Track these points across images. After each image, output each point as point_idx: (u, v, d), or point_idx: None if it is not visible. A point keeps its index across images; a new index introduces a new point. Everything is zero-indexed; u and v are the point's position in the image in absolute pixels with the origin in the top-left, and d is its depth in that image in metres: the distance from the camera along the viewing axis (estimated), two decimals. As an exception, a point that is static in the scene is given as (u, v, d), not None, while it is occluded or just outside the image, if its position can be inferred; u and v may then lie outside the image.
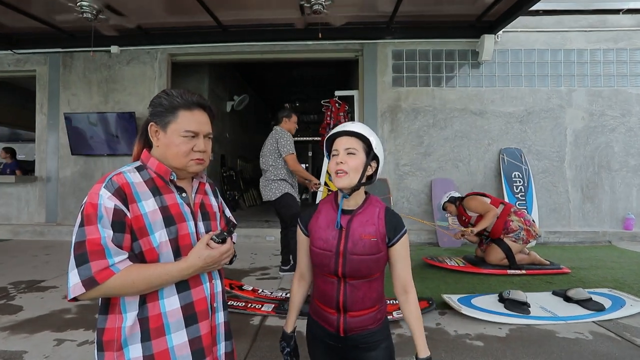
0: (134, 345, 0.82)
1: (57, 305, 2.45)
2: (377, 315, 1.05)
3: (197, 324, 0.90)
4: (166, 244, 0.87)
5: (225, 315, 0.99)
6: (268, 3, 4.29)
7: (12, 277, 3.13)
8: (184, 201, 0.93)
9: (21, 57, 5.40)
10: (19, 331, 2.03)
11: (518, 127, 4.97)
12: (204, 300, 0.92)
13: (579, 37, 5.01)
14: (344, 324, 1.02)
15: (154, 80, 5.27)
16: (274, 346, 1.89)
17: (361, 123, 1.06)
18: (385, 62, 5.09)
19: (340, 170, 1.01)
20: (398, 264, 1.04)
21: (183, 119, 0.90)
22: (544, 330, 2.10)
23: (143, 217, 0.84)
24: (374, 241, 0.99)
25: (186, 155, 0.90)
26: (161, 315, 0.85)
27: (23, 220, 5.39)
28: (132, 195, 0.85)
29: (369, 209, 1.04)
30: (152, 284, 0.82)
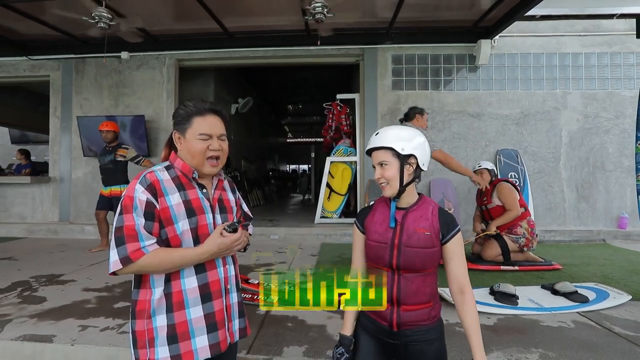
0: (160, 316, 0.99)
1: (78, 297, 2.64)
2: (432, 312, 1.06)
3: (211, 302, 1.04)
4: (187, 232, 1.02)
5: (238, 296, 1.14)
6: (272, 10, 4.48)
7: (32, 271, 3.33)
8: (204, 196, 1.08)
9: (36, 63, 5.64)
10: (46, 318, 2.22)
11: (514, 129, 5.12)
12: (218, 282, 1.07)
13: (574, 41, 5.15)
14: (397, 317, 1.03)
15: (163, 84, 5.48)
16: (278, 333, 2.07)
17: (388, 128, 1.11)
18: (385, 66, 5.26)
19: (381, 183, 1.09)
20: (452, 262, 1.05)
21: (197, 124, 1.05)
22: (530, 320, 2.25)
23: (169, 209, 1.00)
24: (428, 235, 1.03)
25: (202, 153, 1.04)
26: (182, 292, 1.01)
27: (38, 219, 5.61)
28: (161, 191, 1.01)
29: (423, 206, 1.09)
30: (175, 264, 0.99)
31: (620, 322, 2.22)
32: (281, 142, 20.60)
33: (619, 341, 1.98)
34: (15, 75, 5.76)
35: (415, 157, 1.07)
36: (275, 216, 6.87)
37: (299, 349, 1.88)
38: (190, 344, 1.00)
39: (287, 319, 2.25)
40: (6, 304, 2.47)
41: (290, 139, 22.58)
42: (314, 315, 2.29)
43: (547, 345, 1.93)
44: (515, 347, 1.91)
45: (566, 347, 1.92)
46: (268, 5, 4.31)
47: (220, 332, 1.05)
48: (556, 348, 1.91)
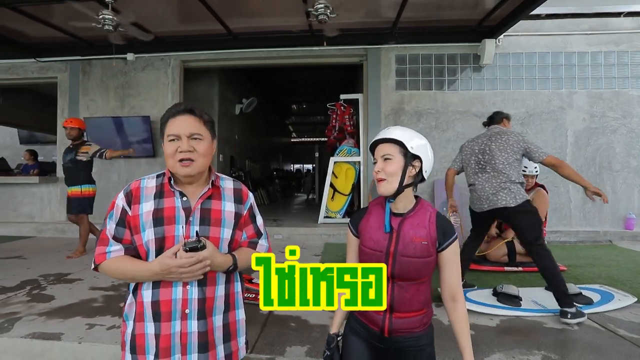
0: (129, 321, 1.00)
1: (85, 295, 2.69)
2: (424, 319, 1.04)
3: (159, 323, 0.94)
4: (152, 242, 0.96)
5: (199, 325, 0.95)
6: (276, 12, 4.50)
7: (40, 270, 3.39)
8: (181, 205, 1.00)
9: (44, 65, 5.72)
10: (54, 316, 2.27)
11: (519, 129, 5.07)
12: (169, 302, 0.94)
13: (580, 40, 5.09)
14: (390, 324, 1.01)
15: (168, 85, 5.53)
16: (281, 332, 2.09)
17: (400, 126, 1.07)
18: (388, 66, 5.25)
19: (379, 178, 1.03)
20: (446, 270, 1.03)
21: (168, 127, 1.00)
22: (532, 321, 2.25)
23: (139, 217, 0.98)
24: (425, 245, 0.99)
25: (172, 156, 0.98)
26: (142, 303, 0.97)
27: (45, 219, 5.70)
28: (137, 198, 1.00)
29: (421, 212, 1.04)
30: (127, 275, 0.97)
31: (625, 325, 2.20)
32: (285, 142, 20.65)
33: (624, 344, 1.97)
34: (24, 77, 5.85)
35: (421, 160, 1.04)
36: (279, 216, 6.90)
37: (302, 348, 1.90)
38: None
39: (290, 319, 2.27)
40: (16, 302, 2.52)
41: (294, 139, 22.62)
42: (316, 316, 2.31)
43: (550, 347, 1.92)
44: (517, 348, 1.91)
45: (570, 349, 1.92)
46: (272, 6, 4.32)
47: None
48: (559, 350, 1.90)
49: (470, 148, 2.68)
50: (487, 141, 2.57)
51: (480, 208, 2.59)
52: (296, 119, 17.73)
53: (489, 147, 2.54)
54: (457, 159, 2.81)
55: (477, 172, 2.60)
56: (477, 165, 2.60)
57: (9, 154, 9.21)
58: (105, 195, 5.58)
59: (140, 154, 5.45)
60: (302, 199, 12.76)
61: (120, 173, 5.61)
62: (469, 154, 2.67)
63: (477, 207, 2.62)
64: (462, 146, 2.80)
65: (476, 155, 2.61)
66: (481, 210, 2.59)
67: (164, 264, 0.92)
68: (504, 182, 2.45)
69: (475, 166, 2.61)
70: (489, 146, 2.54)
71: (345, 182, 5.62)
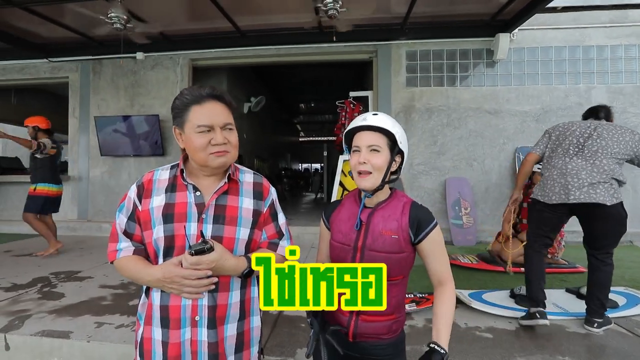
0: (141, 322, 0.93)
1: (95, 293, 2.68)
2: (393, 326, 0.95)
3: (167, 329, 0.87)
4: (161, 240, 0.88)
5: (210, 335, 0.87)
6: (284, 8, 4.44)
7: (52, 268, 3.41)
8: (194, 200, 0.91)
9: (56, 65, 5.78)
10: (64, 314, 2.26)
11: (534, 125, 4.93)
12: (178, 308, 0.87)
13: (599, 33, 4.91)
14: (355, 327, 0.93)
15: (177, 84, 5.53)
16: (291, 333, 2.04)
17: (383, 113, 0.97)
18: (399, 62, 5.15)
19: (363, 171, 0.93)
20: (428, 260, 0.95)
21: (194, 115, 0.87)
22: (554, 325, 2.14)
23: (149, 212, 0.90)
24: (395, 239, 0.91)
25: (203, 149, 0.87)
26: (152, 305, 0.90)
27: (57, 217, 5.73)
28: (149, 191, 0.92)
29: (393, 203, 0.96)
30: (133, 277, 0.90)
31: (654, 330, 2.09)
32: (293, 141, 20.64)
33: (653, 350, 1.86)
34: (37, 77, 5.92)
35: (403, 156, 0.98)
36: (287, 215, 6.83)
37: (313, 350, 1.84)
38: None
39: (301, 320, 2.22)
40: (27, 299, 2.53)
41: (303, 138, 22.60)
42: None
43: (575, 353, 1.83)
44: (539, 354, 1.82)
45: (595, 355, 1.82)
46: (280, 3, 4.28)
47: None
48: (584, 356, 1.80)
49: (567, 129, 2.23)
50: (595, 127, 2.15)
51: (563, 198, 2.09)
52: (304, 118, 17.69)
53: (599, 133, 2.11)
54: (541, 143, 2.35)
55: (573, 155, 2.14)
56: (575, 148, 2.15)
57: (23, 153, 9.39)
58: (115, 194, 5.64)
59: (149, 152, 5.47)
60: (311, 198, 12.72)
61: (130, 172, 5.64)
62: (564, 134, 2.22)
63: (558, 197, 2.12)
64: (552, 128, 2.35)
65: (577, 137, 2.16)
66: (561, 202, 2.10)
67: (167, 271, 0.84)
68: (607, 176, 2.04)
69: (573, 149, 2.15)
70: (598, 132, 2.11)
71: (355, 180, 5.54)
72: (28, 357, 1.94)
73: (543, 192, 2.22)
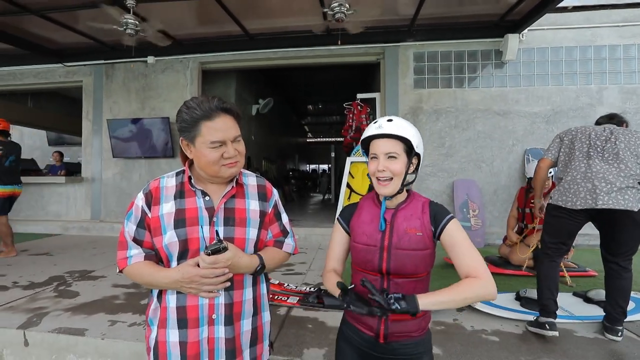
0: (153, 327, 0.95)
1: (108, 292, 2.76)
2: (422, 323, 0.97)
3: (185, 329, 0.90)
4: (175, 245, 0.91)
5: (227, 331, 0.92)
6: (292, 12, 4.49)
7: (66, 267, 3.52)
8: (204, 205, 0.94)
9: (70, 69, 5.95)
10: (79, 312, 2.34)
11: (544, 127, 4.87)
12: (196, 308, 0.91)
13: (611, 32, 4.83)
14: (385, 328, 0.94)
15: (186, 87, 5.63)
16: (298, 334, 2.07)
17: (398, 118, 0.99)
18: (406, 64, 5.15)
19: (382, 177, 0.95)
20: (453, 254, 0.92)
21: (206, 131, 0.89)
22: (562, 329, 2.13)
23: (159, 218, 0.93)
24: (419, 236, 0.94)
25: (216, 162, 0.91)
26: (166, 308, 0.93)
27: (71, 217, 5.93)
28: (157, 199, 0.95)
29: (413, 203, 1.00)
30: (147, 282, 0.93)
31: (665, 335, 2.06)
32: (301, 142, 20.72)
33: (664, 355, 1.84)
34: (52, 81, 6.10)
35: (419, 158, 1.01)
36: (295, 216, 6.91)
37: (320, 351, 1.87)
38: None
39: (308, 320, 2.25)
40: (44, 297, 2.62)
41: (310, 139, 22.66)
42: (334, 318, 2.28)
43: (582, 358, 1.82)
44: (546, 357, 1.81)
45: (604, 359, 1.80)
46: (288, 6, 4.33)
47: None
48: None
49: (580, 132, 2.16)
50: (610, 130, 2.09)
51: (589, 204, 1.98)
52: (312, 119, 17.74)
53: (616, 137, 2.04)
54: (552, 148, 2.28)
55: (595, 158, 2.05)
56: (594, 150, 2.07)
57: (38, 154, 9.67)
58: (127, 195, 5.77)
59: (160, 154, 5.58)
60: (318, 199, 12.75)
61: (141, 173, 5.76)
62: (577, 137, 2.15)
63: (583, 202, 2.01)
64: (563, 132, 2.28)
65: (593, 140, 2.09)
66: (588, 207, 2.00)
67: (186, 272, 0.87)
68: (634, 180, 1.96)
69: (592, 152, 2.07)
70: (615, 136, 2.05)
71: (362, 182, 5.55)
72: (46, 352, 2.01)
73: (565, 197, 2.11)
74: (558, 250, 2.21)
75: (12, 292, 2.75)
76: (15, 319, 2.22)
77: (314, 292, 2.60)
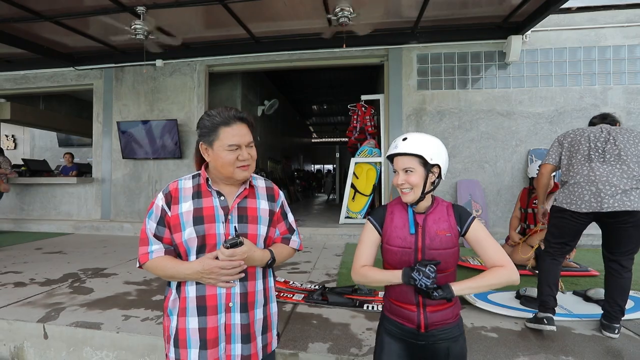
0: (173, 316, 1.05)
1: (120, 289, 2.87)
2: (455, 310, 1.12)
3: (205, 317, 1.00)
4: (193, 240, 1.01)
5: (242, 318, 1.03)
6: (297, 15, 4.58)
7: (79, 265, 3.64)
8: (220, 204, 1.05)
9: (81, 73, 6.11)
10: (94, 308, 2.44)
11: (548, 127, 4.89)
12: (215, 297, 1.01)
13: (616, 33, 4.84)
14: (425, 319, 1.08)
15: (194, 89, 5.75)
16: (303, 329, 2.15)
17: (415, 135, 1.11)
18: (410, 66, 5.21)
19: (403, 189, 1.10)
20: (478, 248, 1.09)
21: (225, 135, 1.02)
22: (560, 327, 2.18)
23: (179, 217, 1.03)
24: (449, 237, 1.08)
25: (232, 164, 1.02)
26: (186, 299, 1.02)
27: (82, 217, 6.09)
28: (176, 199, 1.05)
29: (439, 208, 1.13)
30: (169, 274, 1.02)
31: (662, 333, 2.10)
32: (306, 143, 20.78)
33: (660, 353, 1.88)
34: (64, 85, 6.27)
35: (440, 167, 1.11)
36: (300, 216, 6.99)
37: (324, 345, 1.95)
38: (186, 353, 1.00)
39: (312, 317, 2.33)
40: (60, 293, 2.74)
41: (315, 139, 22.74)
42: (338, 314, 2.35)
43: (579, 354, 1.87)
44: (543, 353, 1.87)
45: (600, 356, 1.85)
46: (293, 10, 4.41)
47: (210, 351, 1.00)
48: (589, 357, 1.84)
49: (579, 134, 2.18)
50: (608, 131, 2.11)
51: (594, 207, 2.01)
52: (317, 120, 17.83)
53: (614, 137, 2.07)
54: (552, 152, 2.30)
55: (596, 161, 2.08)
56: (595, 152, 2.09)
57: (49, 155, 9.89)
58: (136, 196, 5.90)
59: (167, 155, 5.71)
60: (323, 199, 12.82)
61: (150, 174, 5.89)
62: (577, 140, 2.17)
63: (588, 205, 2.04)
64: (562, 136, 2.29)
65: (593, 142, 2.11)
66: (590, 211, 2.04)
67: (206, 264, 0.97)
68: (638, 181, 1.98)
69: (593, 154, 2.09)
70: (613, 136, 2.07)
71: (366, 182, 5.63)
72: (64, 345, 2.12)
73: (569, 200, 2.13)
74: (561, 250, 2.25)
75: (30, 288, 2.87)
76: (34, 313, 2.33)
77: (318, 290, 2.68)
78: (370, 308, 2.45)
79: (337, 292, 2.63)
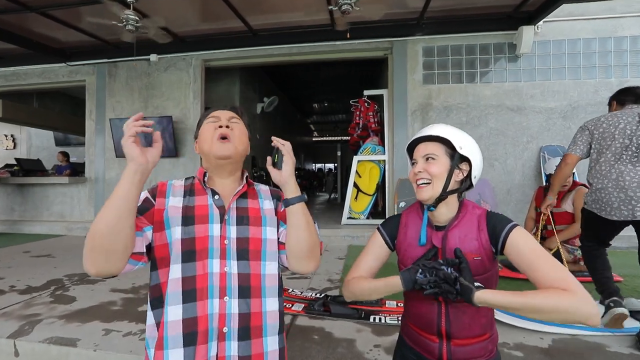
0: (150, 350, 0.81)
1: (105, 297, 2.65)
2: (489, 346, 0.87)
3: (194, 347, 0.76)
4: (178, 243, 0.82)
5: (241, 348, 0.79)
6: (296, 6, 4.35)
7: (66, 270, 3.43)
8: (215, 204, 0.89)
9: (73, 69, 5.89)
10: (73, 320, 2.23)
11: (561, 123, 4.65)
12: (206, 318, 0.78)
13: (634, 22, 4.58)
14: (448, 353, 0.85)
15: (189, 85, 5.53)
16: (303, 346, 1.92)
17: (444, 124, 0.93)
18: (415, 59, 4.97)
19: (420, 180, 0.87)
20: (524, 264, 0.77)
21: (208, 116, 0.98)
22: (593, 343, 1.95)
23: (164, 211, 0.86)
24: (478, 260, 0.82)
25: (211, 136, 0.90)
26: (164, 325, 0.78)
27: (75, 218, 5.88)
28: (163, 192, 0.90)
29: (467, 219, 0.86)
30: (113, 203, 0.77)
31: None
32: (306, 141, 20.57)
33: None
34: (56, 81, 6.05)
35: (470, 163, 0.89)
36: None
37: (326, 366, 1.73)
38: None
39: (313, 331, 2.11)
40: (39, 303, 2.52)
41: (316, 138, 22.52)
42: (342, 328, 2.13)
43: (618, 377, 1.64)
44: (577, 376, 1.64)
45: (642, 379, 1.62)
46: (292, 1, 4.18)
47: None
48: (629, 380, 1.61)
49: (612, 125, 1.93)
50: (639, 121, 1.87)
51: (625, 215, 1.86)
52: (318, 118, 17.59)
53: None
54: (580, 142, 2.07)
55: (627, 163, 1.87)
56: (628, 151, 1.87)
57: (45, 155, 9.69)
58: (130, 195, 5.68)
59: (163, 153, 5.46)
60: (324, 198, 12.61)
61: (144, 173, 5.67)
62: (610, 133, 1.93)
63: (618, 213, 1.89)
64: (592, 123, 2.05)
65: (629, 137, 1.87)
66: (622, 219, 1.88)
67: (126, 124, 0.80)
68: None
69: (625, 153, 1.88)
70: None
71: (370, 181, 5.39)
72: (36, 364, 1.91)
73: (598, 205, 1.96)
74: (601, 245, 2.15)
75: (8, 296, 2.66)
76: (7, 326, 2.11)
77: (320, 299, 2.45)
78: (377, 320, 2.22)
79: (340, 302, 2.40)
